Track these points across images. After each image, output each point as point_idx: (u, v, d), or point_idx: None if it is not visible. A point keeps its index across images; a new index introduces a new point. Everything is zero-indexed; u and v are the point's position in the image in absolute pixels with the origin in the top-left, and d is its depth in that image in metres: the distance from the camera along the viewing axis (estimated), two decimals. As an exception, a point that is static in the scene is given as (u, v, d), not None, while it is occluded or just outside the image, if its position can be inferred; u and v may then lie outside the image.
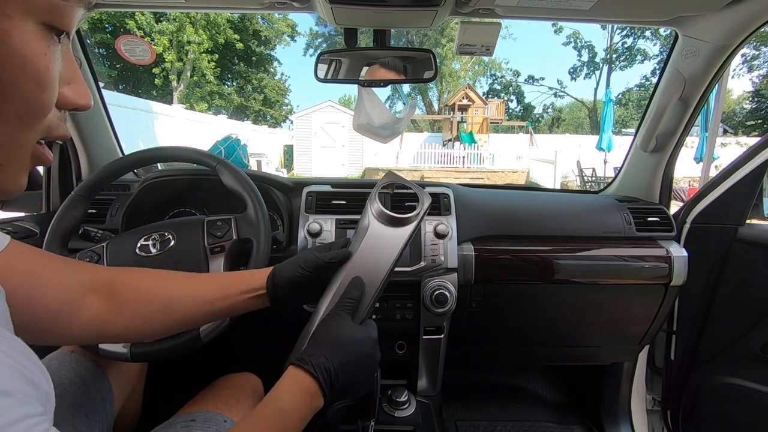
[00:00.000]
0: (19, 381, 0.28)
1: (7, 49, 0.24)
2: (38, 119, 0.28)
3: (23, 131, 0.28)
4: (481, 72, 25.03)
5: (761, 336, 0.98)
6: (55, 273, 0.52)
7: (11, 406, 0.25)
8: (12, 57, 0.24)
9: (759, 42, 17.36)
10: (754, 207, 1.05)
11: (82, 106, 0.32)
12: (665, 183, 1.17)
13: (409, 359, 1.06)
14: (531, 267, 1.02)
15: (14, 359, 0.29)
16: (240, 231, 0.79)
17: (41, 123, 0.29)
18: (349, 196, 1.03)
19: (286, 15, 16.33)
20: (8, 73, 0.24)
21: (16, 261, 0.48)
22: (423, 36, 18.95)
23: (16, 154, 0.29)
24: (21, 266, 0.48)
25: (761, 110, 19.36)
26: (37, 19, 0.25)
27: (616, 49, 23.30)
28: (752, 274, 1.02)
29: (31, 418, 0.26)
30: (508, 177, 12.03)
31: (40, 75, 0.26)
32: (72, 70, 0.31)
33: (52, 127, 0.30)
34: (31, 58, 0.25)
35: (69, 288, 0.52)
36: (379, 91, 1.13)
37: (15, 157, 0.29)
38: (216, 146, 1.73)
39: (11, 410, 0.25)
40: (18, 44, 0.24)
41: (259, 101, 20.20)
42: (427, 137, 15.93)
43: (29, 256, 0.50)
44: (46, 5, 0.25)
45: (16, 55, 0.24)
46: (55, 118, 0.30)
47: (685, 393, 1.16)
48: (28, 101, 0.26)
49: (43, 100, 0.27)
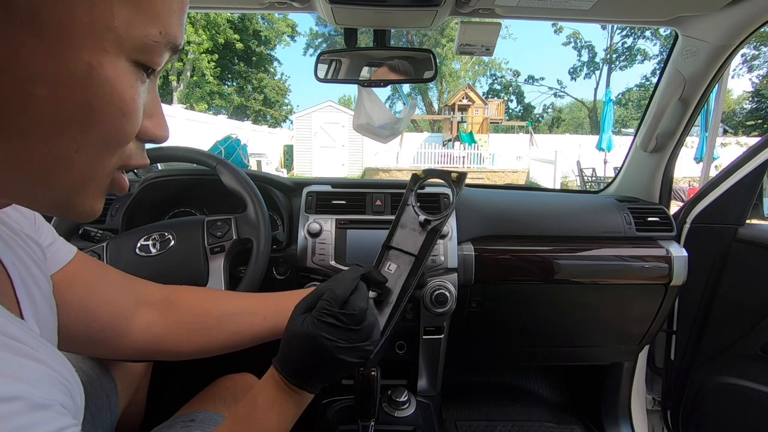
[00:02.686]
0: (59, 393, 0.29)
1: (100, 79, 0.26)
2: (120, 146, 0.30)
3: (106, 157, 0.30)
4: (481, 72, 25.04)
5: (761, 336, 0.98)
6: (111, 287, 0.53)
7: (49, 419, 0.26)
8: (104, 86, 0.26)
9: (759, 42, 17.37)
10: (754, 207, 1.05)
11: (160, 137, 0.34)
12: (665, 183, 1.17)
13: (409, 359, 1.06)
14: (531, 267, 1.02)
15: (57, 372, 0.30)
16: (240, 231, 0.79)
17: (122, 151, 0.31)
18: (349, 196, 1.03)
19: (286, 15, 16.33)
20: (99, 101, 0.27)
21: (78, 274, 0.49)
22: (423, 36, 18.95)
23: (96, 179, 0.31)
24: (81, 279, 0.49)
25: (761, 110, 19.37)
26: (129, 56, 0.27)
27: (616, 49, 23.31)
28: (752, 274, 1.02)
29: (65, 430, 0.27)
30: (508, 177, 12.03)
31: (126, 105, 0.28)
32: (154, 104, 0.33)
33: (131, 156, 0.33)
34: (119, 89, 0.27)
35: (122, 302, 0.53)
36: (379, 91, 1.13)
37: (95, 182, 0.31)
38: (216, 146, 1.73)
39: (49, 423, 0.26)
40: (110, 76, 0.26)
41: (259, 101, 20.20)
42: (427, 137, 15.94)
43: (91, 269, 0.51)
44: (138, 45, 0.27)
45: (107, 85, 0.27)
46: (135, 147, 0.33)
47: (685, 393, 1.16)
48: (113, 129, 0.29)
49: (126, 128, 0.29)
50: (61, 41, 0.24)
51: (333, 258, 0.95)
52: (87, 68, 0.25)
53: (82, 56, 0.25)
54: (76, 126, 0.27)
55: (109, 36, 0.26)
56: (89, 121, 0.27)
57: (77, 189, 0.30)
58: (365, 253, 0.96)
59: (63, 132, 0.26)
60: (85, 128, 0.27)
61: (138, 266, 0.73)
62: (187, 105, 13.52)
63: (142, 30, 0.27)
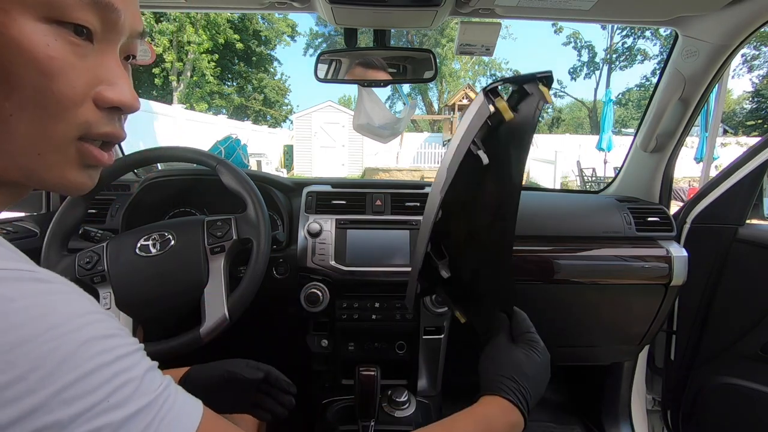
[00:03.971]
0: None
1: (5, 40, 0.26)
2: (61, 111, 0.29)
3: (48, 122, 0.29)
4: (481, 72, 24.99)
5: (761, 336, 0.98)
6: None
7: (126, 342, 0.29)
8: (11, 47, 0.26)
9: (759, 42, 17.36)
10: (754, 207, 1.05)
11: (123, 104, 0.33)
12: (665, 183, 1.17)
13: (409, 359, 1.06)
14: (531, 267, 1.02)
15: None
16: (240, 231, 0.79)
17: (71, 117, 0.30)
18: (349, 196, 1.03)
19: (286, 15, 16.32)
20: (9, 62, 0.26)
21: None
22: (423, 36, 18.94)
23: (50, 147, 0.30)
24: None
25: (761, 110, 19.36)
26: (38, 14, 0.27)
27: (616, 49, 23.29)
28: (752, 274, 1.02)
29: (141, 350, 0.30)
30: (508, 177, 11.98)
31: (41, 65, 0.27)
32: (113, 72, 0.32)
33: (90, 123, 0.32)
34: (29, 49, 0.27)
35: None
36: (379, 91, 1.13)
37: (50, 150, 0.30)
38: (216, 146, 1.74)
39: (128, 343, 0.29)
40: (16, 36, 0.26)
41: (259, 101, 20.19)
42: (427, 137, 15.91)
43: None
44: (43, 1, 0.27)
45: (15, 46, 0.26)
46: (92, 114, 0.32)
47: (685, 393, 1.16)
48: (37, 90, 0.28)
49: (54, 89, 0.28)
50: None
51: (333, 258, 0.95)
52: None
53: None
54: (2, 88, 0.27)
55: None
56: (8, 84, 0.27)
57: (35, 157, 0.30)
58: (365, 253, 0.96)
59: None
60: (7, 92, 0.27)
61: (138, 266, 0.73)
62: (187, 105, 13.50)
63: None
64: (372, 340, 1.03)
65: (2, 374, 0.21)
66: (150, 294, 0.72)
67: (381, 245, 0.97)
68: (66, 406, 0.23)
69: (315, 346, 1.02)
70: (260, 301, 0.81)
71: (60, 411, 0.23)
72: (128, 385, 0.26)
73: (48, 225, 0.78)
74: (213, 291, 0.74)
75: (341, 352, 1.03)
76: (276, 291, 0.97)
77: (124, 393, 0.26)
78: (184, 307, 0.74)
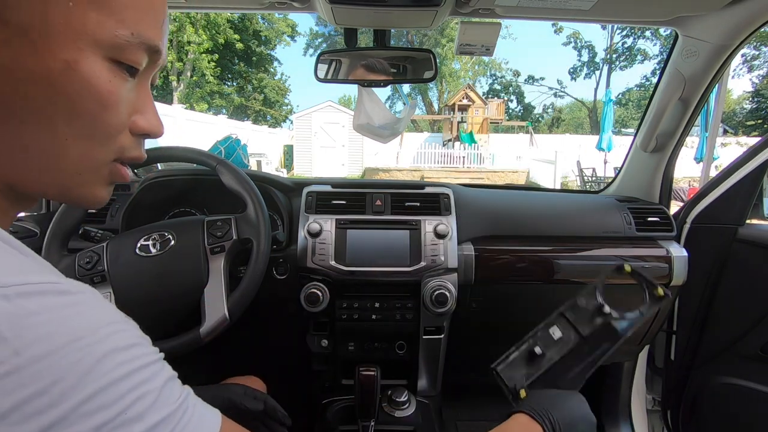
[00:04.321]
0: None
1: (77, 75, 0.30)
2: (108, 138, 0.34)
3: (96, 147, 0.33)
4: (481, 72, 25.02)
5: (761, 336, 0.98)
6: None
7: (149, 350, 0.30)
8: (81, 82, 0.30)
9: (759, 42, 17.36)
10: (754, 207, 1.05)
11: (152, 132, 0.37)
12: (665, 183, 1.17)
13: (409, 359, 1.06)
14: (531, 267, 1.02)
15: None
16: (240, 231, 0.79)
17: (112, 143, 0.34)
18: (349, 196, 1.03)
19: (286, 15, 16.32)
20: (77, 95, 0.30)
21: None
22: (423, 36, 18.94)
23: (89, 167, 0.34)
24: None
25: (761, 110, 19.36)
26: (104, 54, 0.31)
27: (616, 49, 23.30)
28: (752, 274, 1.01)
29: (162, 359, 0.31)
30: (508, 177, 12.01)
31: (103, 98, 0.31)
32: (146, 101, 0.37)
33: (126, 148, 0.36)
34: (95, 84, 0.31)
35: None
36: (379, 91, 1.13)
37: (89, 170, 0.34)
38: (216, 146, 1.74)
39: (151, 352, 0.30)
40: (86, 72, 0.30)
41: (259, 101, 20.19)
42: (427, 137, 15.92)
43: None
44: (111, 44, 0.31)
45: (84, 80, 0.30)
46: (129, 141, 0.36)
47: (685, 393, 1.16)
48: (95, 120, 0.32)
49: (108, 120, 0.33)
50: (42, 43, 0.28)
51: (333, 258, 0.95)
52: (65, 66, 0.29)
53: (61, 55, 0.28)
54: (62, 117, 0.30)
55: (83, 37, 0.29)
56: (72, 112, 0.30)
57: (75, 176, 0.33)
58: (365, 253, 0.96)
59: (53, 123, 0.30)
60: (70, 119, 0.31)
61: (138, 266, 0.73)
62: (187, 105, 13.51)
63: (112, 31, 0.30)
64: (372, 340, 1.03)
65: (25, 388, 0.21)
66: (150, 294, 0.72)
67: (381, 245, 0.97)
68: (86, 420, 0.23)
69: (315, 346, 1.02)
70: (260, 301, 0.81)
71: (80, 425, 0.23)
72: (147, 396, 0.27)
73: (48, 225, 0.78)
74: (213, 291, 0.74)
75: (341, 352, 1.03)
76: (276, 291, 0.97)
77: (144, 404, 0.26)
78: (184, 307, 0.74)
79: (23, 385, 0.21)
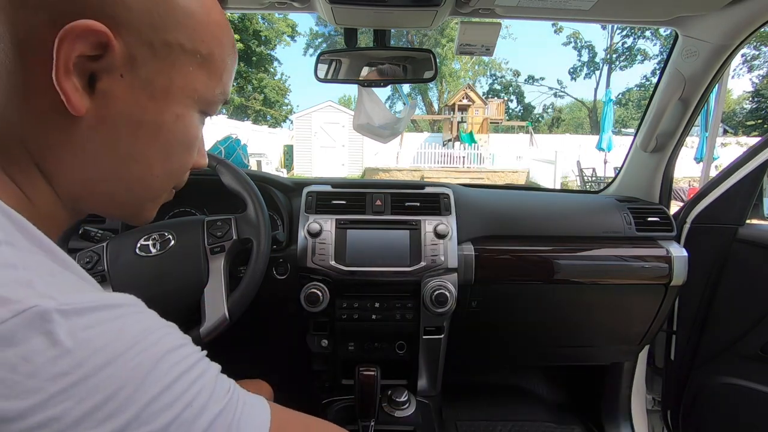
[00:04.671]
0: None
1: (181, 125, 0.36)
2: (182, 173, 0.41)
3: (171, 181, 0.40)
4: (481, 72, 25.03)
5: (761, 336, 0.98)
6: None
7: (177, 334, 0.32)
8: (183, 130, 0.37)
9: (759, 42, 17.36)
10: (754, 207, 1.05)
11: (203, 166, 0.44)
12: (665, 183, 1.17)
13: (409, 359, 1.06)
14: (531, 267, 1.02)
15: None
16: (240, 231, 0.79)
17: (182, 176, 0.42)
18: (349, 196, 1.03)
19: (286, 15, 16.32)
20: (178, 140, 0.37)
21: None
22: (423, 36, 18.94)
23: (160, 196, 0.41)
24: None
25: (761, 110, 19.36)
26: (200, 108, 0.38)
27: (616, 49, 23.30)
28: (752, 274, 1.02)
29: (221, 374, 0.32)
30: (508, 177, 12.02)
31: (192, 143, 0.39)
32: (202, 141, 0.43)
33: (183, 180, 0.43)
34: (192, 132, 0.38)
35: None
36: (379, 91, 1.13)
37: (159, 198, 0.41)
38: (216, 146, 1.73)
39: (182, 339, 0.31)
40: (188, 123, 0.37)
41: (259, 101, 20.19)
42: (427, 137, 15.92)
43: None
44: (208, 101, 0.38)
45: (185, 129, 0.37)
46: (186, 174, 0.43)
47: (685, 393, 1.16)
48: (183, 160, 0.39)
49: (187, 160, 0.40)
50: (162, 98, 0.34)
51: (333, 258, 0.95)
52: (174, 118, 0.35)
53: (174, 109, 0.35)
54: (158, 158, 0.36)
55: (193, 95, 0.36)
56: (167, 153, 0.37)
57: (147, 203, 0.40)
58: (365, 253, 0.96)
59: (150, 162, 0.36)
60: (164, 159, 0.37)
61: (138, 266, 0.73)
62: (187, 105, 13.48)
63: (212, 91, 0.37)
64: (372, 340, 1.03)
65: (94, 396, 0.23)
66: (150, 294, 0.72)
67: (381, 245, 0.97)
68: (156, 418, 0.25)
69: (315, 346, 1.02)
70: (260, 301, 0.81)
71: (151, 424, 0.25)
72: (204, 390, 0.28)
73: (48, 225, 0.78)
74: (213, 291, 0.74)
75: (341, 352, 1.03)
76: (276, 291, 0.97)
77: (203, 398, 0.28)
78: (184, 308, 0.74)
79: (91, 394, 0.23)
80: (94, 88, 0.30)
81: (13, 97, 0.29)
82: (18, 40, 0.28)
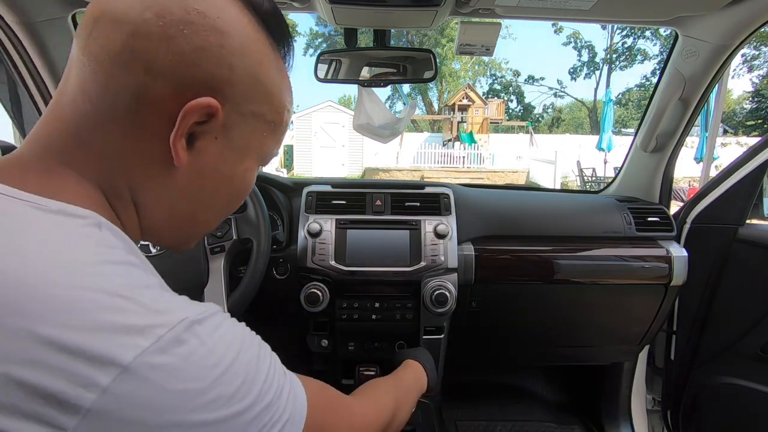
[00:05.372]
0: None
1: (247, 177, 0.42)
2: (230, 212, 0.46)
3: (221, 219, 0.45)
4: (481, 72, 25.02)
5: (761, 336, 0.98)
6: None
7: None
8: (247, 181, 0.43)
9: (759, 42, 17.36)
10: (754, 207, 1.05)
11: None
12: (665, 183, 1.17)
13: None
14: (531, 267, 1.02)
15: None
16: (240, 231, 0.79)
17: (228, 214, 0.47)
18: (349, 196, 1.03)
19: (287, 15, 16.28)
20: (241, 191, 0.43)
21: None
22: (423, 36, 18.94)
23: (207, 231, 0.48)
24: None
25: (761, 110, 19.35)
26: (260, 162, 0.43)
27: (616, 49, 23.30)
28: (752, 274, 1.02)
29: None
30: (508, 177, 12.01)
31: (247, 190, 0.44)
32: None
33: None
34: (251, 182, 0.44)
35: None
36: (379, 91, 1.13)
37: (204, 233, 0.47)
38: (216, 146, 1.73)
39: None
40: (251, 175, 0.43)
41: (259, 101, 20.17)
42: (427, 137, 15.91)
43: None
44: (268, 156, 0.44)
45: (249, 181, 0.43)
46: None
47: (685, 393, 1.16)
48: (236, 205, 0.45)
49: (239, 203, 0.45)
50: (239, 156, 0.40)
51: (333, 258, 0.95)
52: (244, 172, 0.41)
53: (245, 164, 0.41)
54: (224, 202, 0.43)
55: (260, 153, 0.42)
56: (231, 199, 0.43)
57: (195, 237, 0.45)
58: (365, 253, 0.96)
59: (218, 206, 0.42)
60: (228, 204, 0.44)
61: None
62: (187, 105, 13.49)
63: (273, 149, 0.43)
64: (372, 340, 1.03)
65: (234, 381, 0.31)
66: None
67: (381, 245, 0.97)
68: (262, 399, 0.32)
69: (315, 346, 1.02)
70: (260, 301, 0.81)
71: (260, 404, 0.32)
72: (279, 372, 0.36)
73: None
74: (213, 291, 0.74)
75: (341, 352, 1.03)
76: (276, 291, 0.97)
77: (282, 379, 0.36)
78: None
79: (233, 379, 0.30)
80: (192, 146, 0.36)
81: (126, 144, 0.34)
82: (138, 99, 0.33)
